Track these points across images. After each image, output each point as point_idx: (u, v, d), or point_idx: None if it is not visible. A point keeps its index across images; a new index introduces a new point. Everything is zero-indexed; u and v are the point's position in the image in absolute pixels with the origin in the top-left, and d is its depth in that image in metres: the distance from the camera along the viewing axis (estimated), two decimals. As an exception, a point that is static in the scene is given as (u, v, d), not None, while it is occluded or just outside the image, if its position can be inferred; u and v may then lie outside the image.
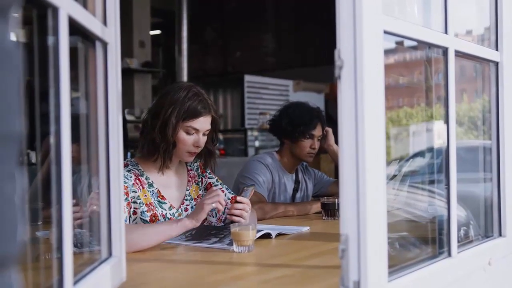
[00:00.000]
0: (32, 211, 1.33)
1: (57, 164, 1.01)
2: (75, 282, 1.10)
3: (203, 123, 2.22)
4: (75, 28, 1.12)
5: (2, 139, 0.58)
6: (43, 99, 1.05)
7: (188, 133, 2.20)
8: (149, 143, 2.22)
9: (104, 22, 1.36)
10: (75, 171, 1.11)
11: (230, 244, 1.92)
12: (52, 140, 1.02)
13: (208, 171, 2.47)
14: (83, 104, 1.39)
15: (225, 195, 2.37)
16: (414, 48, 1.76)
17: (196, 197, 2.38)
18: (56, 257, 1.06)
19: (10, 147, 0.59)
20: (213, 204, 2.00)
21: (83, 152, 1.37)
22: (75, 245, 1.15)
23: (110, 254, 1.38)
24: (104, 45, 1.36)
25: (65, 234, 1.02)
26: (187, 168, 2.42)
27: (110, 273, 1.32)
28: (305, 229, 2.38)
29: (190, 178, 2.39)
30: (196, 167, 2.44)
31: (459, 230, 1.65)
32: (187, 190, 2.36)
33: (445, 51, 1.54)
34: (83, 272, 1.20)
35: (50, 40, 1.02)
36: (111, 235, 1.39)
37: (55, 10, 1.00)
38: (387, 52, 1.30)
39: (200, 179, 2.43)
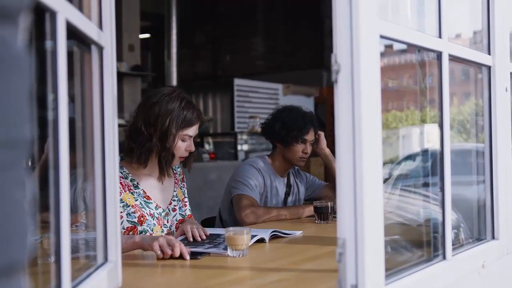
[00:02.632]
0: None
1: (55, 168, 1.01)
2: (72, 288, 1.09)
3: (196, 129, 2.33)
4: (72, 32, 1.12)
5: (11, 144, 0.58)
6: (40, 103, 1.05)
7: (183, 140, 2.29)
8: (146, 152, 2.25)
9: (100, 27, 1.35)
10: (70, 175, 1.10)
11: (225, 249, 1.92)
12: (50, 144, 1.01)
13: (185, 181, 2.55)
14: (78, 108, 1.39)
15: (175, 215, 2.41)
16: (402, 51, 1.77)
17: (181, 199, 2.46)
18: (51, 262, 1.05)
19: (20, 153, 0.59)
20: (158, 252, 1.85)
21: (78, 156, 1.37)
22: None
23: (106, 259, 1.38)
24: (100, 49, 1.35)
25: (63, 239, 1.01)
26: (172, 170, 2.47)
27: (106, 278, 1.31)
28: (299, 233, 2.38)
29: (176, 181, 2.47)
30: (178, 173, 2.51)
31: (450, 233, 1.66)
32: (174, 191, 2.43)
33: (439, 55, 1.55)
34: (80, 278, 1.20)
35: (48, 44, 1.02)
36: (107, 241, 1.38)
37: (53, 14, 1.00)
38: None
39: (182, 185, 2.51)
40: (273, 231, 2.22)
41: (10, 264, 0.57)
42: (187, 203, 2.51)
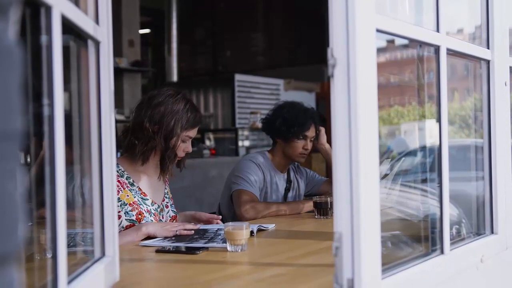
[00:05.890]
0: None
1: (50, 164, 1.01)
2: (69, 282, 1.10)
3: (196, 131, 2.39)
4: (68, 27, 1.12)
5: (4, 136, 0.58)
6: (33, 99, 1.05)
7: (184, 141, 2.34)
8: (149, 150, 2.29)
9: (96, 21, 1.35)
10: (66, 172, 1.11)
11: (224, 242, 1.92)
12: (45, 140, 1.01)
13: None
14: (75, 104, 1.39)
15: (168, 212, 2.46)
16: (405, 46, 1.77)
17: (170, 197, 2.52)
18: (48, 257, 1.06)
19: (12, 145, 0.59)
20: (177, 232, 2.14)
21: (75, 152, 1.37)
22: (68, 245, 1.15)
23: (103, 253, 1.38)
24: (97, 44, 1.35)
25: (59, 234, 1.01)
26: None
27: (103, 273, 1.32)
28: (272, 226, 2.40)
29: (167, 179, 2.51)
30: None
31: (451, 228, 1.66)
32: (165, 188, 2.49)
33: (437, 49, 1.54)
34: (76, 272, 1.20)
35: (43, 38, 1.01)
36: (104, 235, 1.38)
37: (48, 8, 0.99)
38: (378, 50, 1.31)
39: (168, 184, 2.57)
40: (258, 226, 2.27)
41: (1, 255, 0.57)
42: (170, 206, 2.53)
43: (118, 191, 2.23)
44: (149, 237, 2.12)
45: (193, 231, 2.17)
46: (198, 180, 5.91)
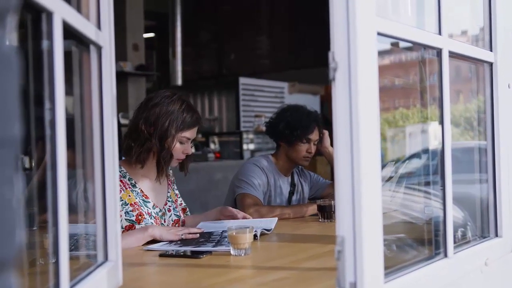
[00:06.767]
0: (27, 216, 1.32)
1: (52, 169, 1.01)
2: (71, 287, 1.10)
3: (194, 132, 2.38)
4: (69, 32, 1.12)
5: (1, 143, 0.58)
6: (37, 104, 1.05)
7: (181, 142, 2.33)
8: (145, 152, 2.29)
9: (98, 26, 1.35)
10: (70, 176, 1.11)
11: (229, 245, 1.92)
12: (47, 144, 1.01)
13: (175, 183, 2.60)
14: (77, 109, 1.39)
15: (170, 215, 2.46)
16: (409, 49, 1.77)
17: (174, 200, 2.50)
18: (52, 262, 1.06)
19: (9, 151, 0.59)
20: (183, 236, 2.15)
21: (78, 157, 1.37)
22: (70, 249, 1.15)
23: (106, 258, 1.38)
24: (99, 49, 1.35)
25: (60, 239, 1.01)
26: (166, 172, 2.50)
27: (106, 277, 1.32)
28: (274, 221, 2.41)
29: (169, 182, 2.52)
30: (171, 175, 2.56)
31: (456, 231, 1.66)
32: (168, 192, 2.48)
33: (439, 52, 1.54)
34: (79, 277, 1.20)
35: (44, 44, 1.02)
36: (107, 240, 1.38)
37: (50, 14, 1.00)
38: (382, 53, 1.31)
39: (174, 187, 2.56)
40: (261, 232, 2.25)
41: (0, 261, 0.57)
42: (182, 201, 2.54)
43: (120, 190, 2.24)
44: (153, 240, 2.12)
45: (198, 235, 2.17)
46: (203, 183, 5.92)
